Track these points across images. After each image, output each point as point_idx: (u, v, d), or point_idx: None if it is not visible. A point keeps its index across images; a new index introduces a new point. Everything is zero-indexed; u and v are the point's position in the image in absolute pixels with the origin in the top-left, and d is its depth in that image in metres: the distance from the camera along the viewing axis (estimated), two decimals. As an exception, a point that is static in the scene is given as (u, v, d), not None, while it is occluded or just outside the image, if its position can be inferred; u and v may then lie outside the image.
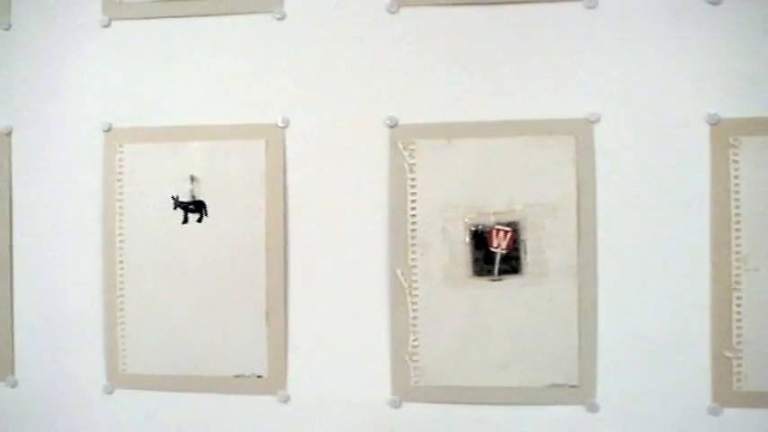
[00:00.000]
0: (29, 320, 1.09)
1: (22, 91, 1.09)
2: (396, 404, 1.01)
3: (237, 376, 1.04)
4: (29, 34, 1.09)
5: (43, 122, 1.09)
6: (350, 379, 1.02)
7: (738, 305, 0.95)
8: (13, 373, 1.09)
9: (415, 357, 1.01)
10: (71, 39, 1.08)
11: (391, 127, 1.02)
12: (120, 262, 1.06)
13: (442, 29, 1.01)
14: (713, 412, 0.96)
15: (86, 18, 1.07)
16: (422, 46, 1.02)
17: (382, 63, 1.02)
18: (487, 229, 1.00)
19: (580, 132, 0.99)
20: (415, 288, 1.01)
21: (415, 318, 1.01)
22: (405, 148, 1.02)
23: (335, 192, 1.03)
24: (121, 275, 1.06)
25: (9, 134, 1.09)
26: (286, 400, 1.03)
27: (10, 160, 1.09)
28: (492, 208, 1.00)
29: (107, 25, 1.07)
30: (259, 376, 1.03)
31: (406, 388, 1.01)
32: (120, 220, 1.06)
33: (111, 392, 1.07)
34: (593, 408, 0.98)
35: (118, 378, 1.07)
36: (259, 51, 1.04)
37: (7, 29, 1.09)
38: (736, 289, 0.95)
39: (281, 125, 1.03)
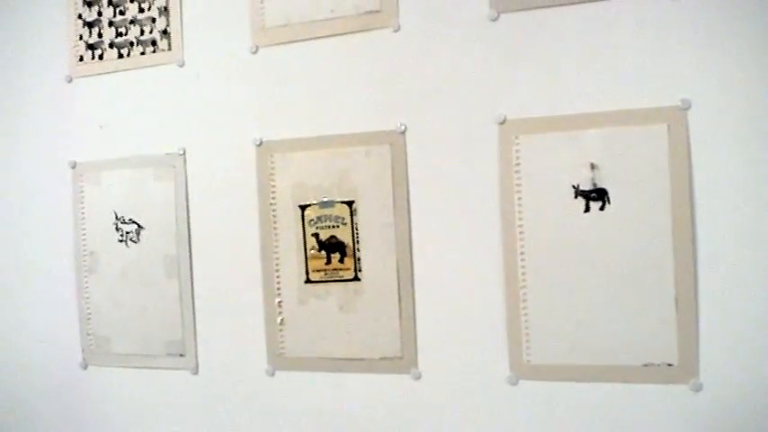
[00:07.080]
0: (431, 314, 1.12)
1: (413, 89, 1.12)
2: (815, 391, 0.97)
3: (646, 365, 1.02)
4: (417, 34, 1.11)
5: (436, 119, 1.11)
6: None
7: None
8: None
9: (836, 341, 0.97)
10: (459, 35, 1.09)
11: (805, 101, 0.98)
12: (521, 253, 1.06)
13: None
14: None
15: (474, 13, 1.08)
16: None
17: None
18: None
19: None
20: (836, 269, 0.97)
21: (836, 300, 0.97)
22: (821, 123, 0.98)
23: (744, 173, 0.98)
24: (523, 266, 1.06)
25: (404, 132, 1.12)
26: (698, 389, 1.01)
27: (406, 158, 1.12)
28: None
29: (495, 19, 1.07)
30: (669, 365, 1.01)
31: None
32: (520, 212, 1.06)
33: (515, 384, 1.07)
34: None
35: (522, 369, 1.07)
36: (653, 32, 1.01)
37: (396, 30, 1.12)
38: None
39: (683, 107, 1.01)
